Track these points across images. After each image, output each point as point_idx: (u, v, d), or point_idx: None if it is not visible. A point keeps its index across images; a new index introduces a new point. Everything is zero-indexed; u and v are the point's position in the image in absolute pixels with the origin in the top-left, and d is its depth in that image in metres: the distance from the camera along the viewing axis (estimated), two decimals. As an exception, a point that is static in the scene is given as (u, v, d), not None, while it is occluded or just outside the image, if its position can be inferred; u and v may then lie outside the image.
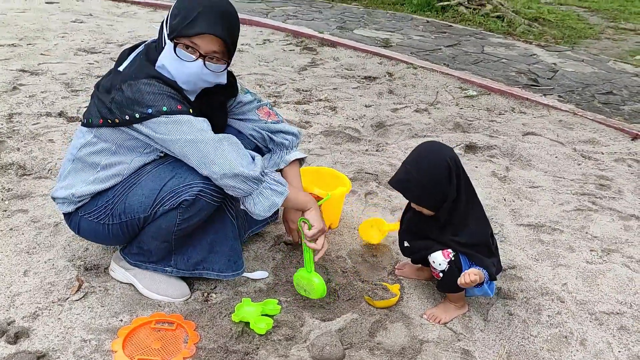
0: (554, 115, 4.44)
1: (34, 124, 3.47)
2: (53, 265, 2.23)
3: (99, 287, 2.14)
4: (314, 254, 2.07)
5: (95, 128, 1.91)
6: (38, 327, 1.92)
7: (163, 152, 1.95)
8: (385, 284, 2.27)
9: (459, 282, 1.92)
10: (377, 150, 3.55)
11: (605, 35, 8.00)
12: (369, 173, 3.21)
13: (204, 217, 2.00)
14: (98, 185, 1.97)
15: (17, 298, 2.04)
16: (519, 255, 2.54)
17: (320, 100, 4.35)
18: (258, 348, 1.90)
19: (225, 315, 2.03)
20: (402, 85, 4.90)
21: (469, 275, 1.89)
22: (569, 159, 3.65)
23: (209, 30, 1.82)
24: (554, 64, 6.02)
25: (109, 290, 2.12)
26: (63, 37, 5.57)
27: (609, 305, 2.26)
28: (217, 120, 2.01)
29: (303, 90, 4.55)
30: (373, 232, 2.53)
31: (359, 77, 5.08)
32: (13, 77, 4.26)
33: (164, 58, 1.89)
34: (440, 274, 2.01)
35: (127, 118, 1.83)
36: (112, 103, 1.85)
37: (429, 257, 2.02)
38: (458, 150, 3.62)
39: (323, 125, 3.85)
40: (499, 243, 2.61)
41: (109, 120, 1.87)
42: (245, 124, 2.20)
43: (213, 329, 1.97)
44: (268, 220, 2.50)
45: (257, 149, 2.21)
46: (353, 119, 4.02)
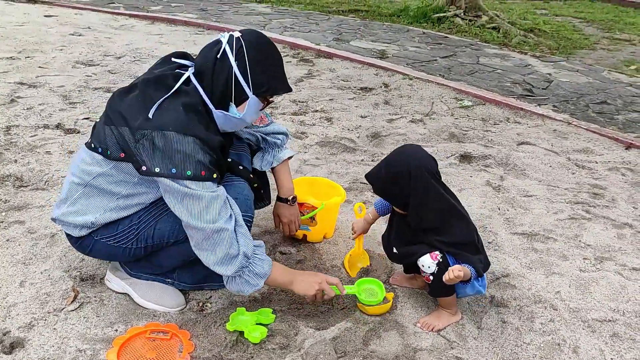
0: (549, 125, 4.47)
1: (32, 136, 3.49)
2: (49, 276, 2.24)
3: (95, 297, 2.15)
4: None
5: (115, 161, 1.86)
6: (33, 337, 1.93)
7: None
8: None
9: (444, 278, 1.94)
10: (372, 161, 3.58)
11: (601, 46, 8.06)
12: (364, 183, 3.23)
13: None
14: (119, 213, 1.94)
15: (12, 308, 2.05)
16: (513, 264, 2.56)
17: (317, 111, 4.39)
18: (252, 357, 1.91)
19: (220, 325, 2.04)
20: (397, 96, 4.94)
21: (453, 271, 1.91)
22: (563, 168, 3.68)
23: (290, 89, 1.99)
24: (549, 74, 6.07)
25: (105, 301, 2.14)
26: (61, 50, 5.61)
27: (602, 313, 2.27)
28: (229, 140, 2.09)
29: (299, 102, 4.58)
30: (355, 266, 2.51)
31: (355, 88, 5.12)
32: (11, 89, 4.29)
33: (249, 115, 1.93)
34: (431, 277, 2.02)
35: (144, 169, 1.78)
36: (137, 145, 1.78)
37: (418, 261, 2.04)
38: (453, 160, 3.65)
39: (319, 136, 3.88)
40: (493, 252, 2.63)
41: (131, 158, 1.81)
42: (241, 130, 2.28)
43: (207, 338, 1.98)
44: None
45: (251, 148, 2.34)
46: (349, 130, 4.05)
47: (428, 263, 2.01)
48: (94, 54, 5.54)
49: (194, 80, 1.89)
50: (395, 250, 2.19)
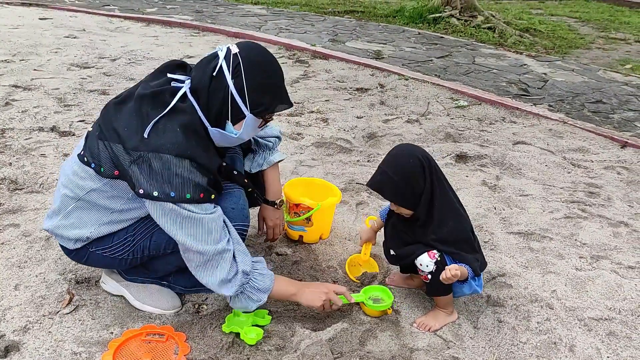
0: (544, 125, 4.48)
1: (26, 139, 3.48)
2: (44, 279, 2.23)
3: (90, 300, 2.14)
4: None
5: (109, 179, 1.82)
6: (29, 340, 1.92)
7: None
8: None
9: (442, 277, 1.94)
10: (368, 161, 3.58)
11: (596, 45, 8.08)
12: (360, 183, 3.23)
13: None
14: (114, 227, 1.91)
15: (7, 312, 2.04)
16: (509, 263, 2.56)
17: (312, 112, 4.38)
18: (249, 358, 1.91)
19: (216, 326, 2.04)
20: (393, 97, 4.94)
21: (450, 271, 1.92)
22: (559, 167, 3.68)
23: (291, 104, 1.92)
24: (544, 74, 6.08)
25: (100, 303, 2.13)
26: (56, 52, 5.60)
27: (598, 312, 2.27)
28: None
29: (295, 102, 4.58)
30: (357, 266, 2.51)
31: (351, 88, 5.12)
32: (6, 92, 4.28)
33: (246, 133, 1.87)
34: (429, 276, 2.02)
35: (141, 192, 1.73)
36: (132, 165, 1.73)
37: (416, 260, 2.03)
38: (449, 160, 3.65)
39: (315, 137, 3.88)
40: (490, 251, 2.63)
41: (126, 178, 1.76)
42: None
43: (204, 340, 1.97)
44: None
45: (243, 151, 2.32)
46: (345, 130, 4.05)
47: (426, 262, 2.01)
48: (89, 57, 5.53)
49: (191, 97, 1.81)
50: (393, 252, 2.19)
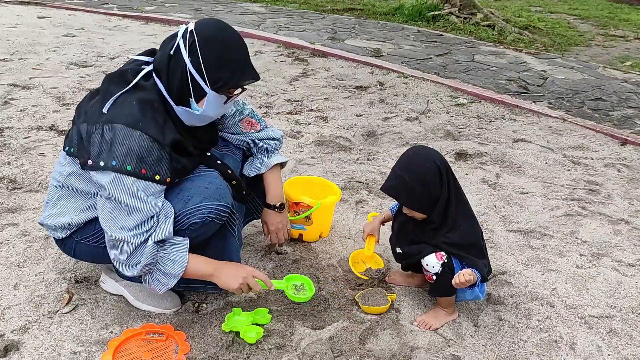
0: (544, 122, 4.47)
1: (25, 138, 3.47)
2: (43, 278, 2.23)
3: (90, 299, 2.14)
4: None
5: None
6: (28, 340, 1.91)
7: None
8: (386, 292, 2.25)
9: (454, 282, 1.93)
10: (367, 159, 3.57)
11: (595, 42, 8.08)
12: (360, 182, 3.22)
13: (209, 234, 1.98)
14: (93, 212, 1.91)
15: (7, 311, 2.03)
16: (509, 261, 2.56)
17: (312, 110, 4.37)
18: (248, 357, 1.90)
19: (216, 325, 2.03)
20: (393, 95, 4.93)
21: (464, 275, 1.90)
22: (559, 165, 3.68)
23: (256, 77, 1.88)
24: (544, 72, 6.07)
25: (100, 302, 2.12)
26: (55, 51, 5.59)
27: (599, 309, 2.27)
28: (209, 136, 2.05)
29: (294, 101, 4.57)
30: (360, 263, 2.50)
31: (350, 86, 5.11)
32: (4, 91, 4.27)
33: (210, 110, 1.86)
34: (434, 277, 2.01)
35: (90, 163, 1.75)
36: (89, 139, 1.77)
37: (422, 260, 2.03)
38: (449, 158, 3.64)
39: (314, 135, 3.87)
40: (490, 249, 2.62)
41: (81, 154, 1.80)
42: (231, 136, 2.24)
43: (203, 339, 1.97)
44: (254, 217, 2.47)
45: (244, 154, 2.29)
46: (344, 129, 4.04)
47: (433, 263, 2.00)
48: (88, 55, 5.51)
49: (155, 77, 1.84)
50: (399, 250, 2.17)
